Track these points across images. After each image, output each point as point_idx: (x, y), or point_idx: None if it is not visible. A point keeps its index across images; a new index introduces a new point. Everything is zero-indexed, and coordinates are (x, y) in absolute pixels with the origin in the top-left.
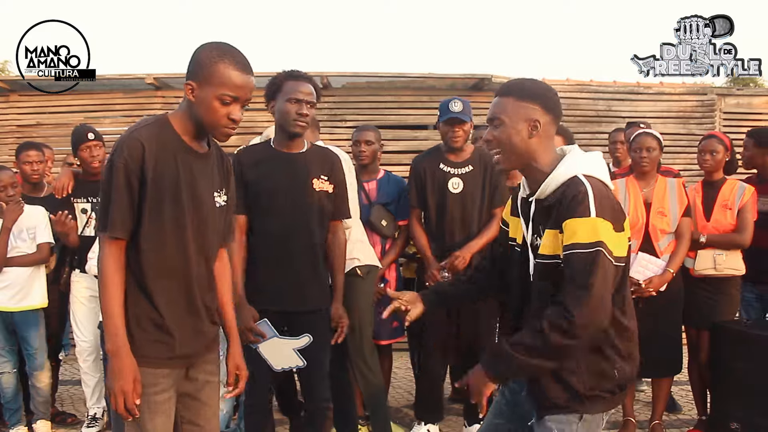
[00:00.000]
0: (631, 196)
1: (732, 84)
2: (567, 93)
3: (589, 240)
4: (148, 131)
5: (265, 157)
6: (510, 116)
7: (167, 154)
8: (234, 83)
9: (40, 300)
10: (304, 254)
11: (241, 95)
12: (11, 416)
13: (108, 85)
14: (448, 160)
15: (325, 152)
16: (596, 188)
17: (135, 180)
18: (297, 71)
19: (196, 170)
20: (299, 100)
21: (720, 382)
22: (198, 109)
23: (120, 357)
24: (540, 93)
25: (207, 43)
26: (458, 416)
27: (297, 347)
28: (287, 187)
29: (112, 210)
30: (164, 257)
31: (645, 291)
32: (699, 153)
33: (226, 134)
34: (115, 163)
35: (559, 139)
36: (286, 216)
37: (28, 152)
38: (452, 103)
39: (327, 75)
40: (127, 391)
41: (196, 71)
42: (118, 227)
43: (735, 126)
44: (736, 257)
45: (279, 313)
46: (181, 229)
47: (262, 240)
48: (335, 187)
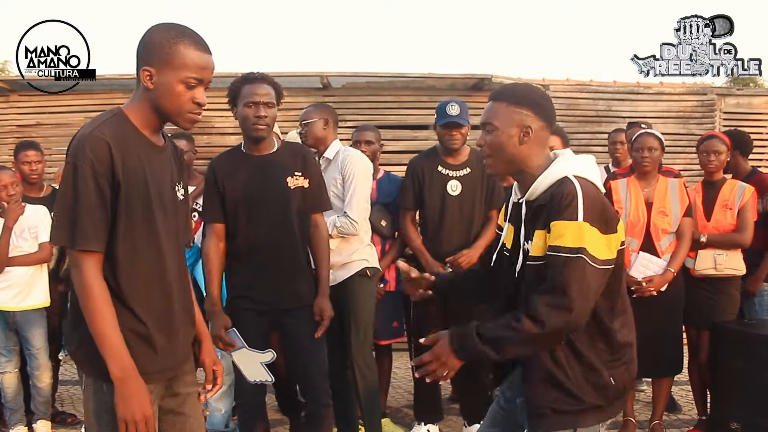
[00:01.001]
0: (632, 195)
1: (732, 84)
2: (567, 93)
3: (572, 245)
4: (109, 128)
5: (238, 162)
6: (502, 121)
7: (132, 153)
8: (197, 64)
9: (42, 299)
10: (287, 253)
11: (204, 76)
12: (11, 416)
13: (108, 85)
14: (446, 163)
15: (296, 148)
16: (586, 190)
17: (105, 184)
18: (252, 73)
19: (158, 166)
20: (255, 102)
21: (720, 382)
22: (159, 97)
23: (131, 380)
24: (533, 99)
25: (158, 24)
26: (458, 416)
27: (263, 361)
28: (262, 190)
29: (83, 220)
30: (140, 263)
31: (646, 290)
32: (701, 153)
33: (192, 120)
34: (80, 166)
35: (557, 139)
36: (265, 218)
37: (27, 152)
38: (449, 106)
39: (327, 75)
40: (149, 415)
41: (152, 56)
42: (93, 239)
43: (735, 126)
44: (736, 257)
45: (267, 312)
46: (153, 230)
47: (244, 244)
48: (311, 181)
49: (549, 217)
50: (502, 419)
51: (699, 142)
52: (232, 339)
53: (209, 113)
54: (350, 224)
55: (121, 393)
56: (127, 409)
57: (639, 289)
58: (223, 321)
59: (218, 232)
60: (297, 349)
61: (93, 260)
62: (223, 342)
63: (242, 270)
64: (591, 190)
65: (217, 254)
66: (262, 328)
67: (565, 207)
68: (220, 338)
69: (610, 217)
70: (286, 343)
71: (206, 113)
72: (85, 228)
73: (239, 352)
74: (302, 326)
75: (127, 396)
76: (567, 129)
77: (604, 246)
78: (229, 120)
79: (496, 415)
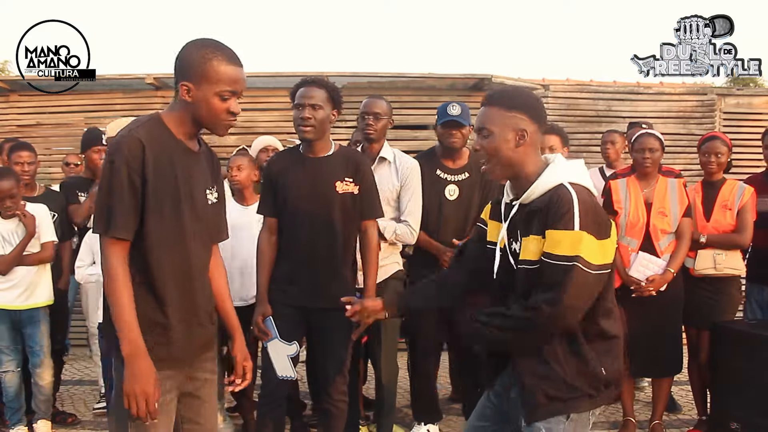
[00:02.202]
0: (632, 196)
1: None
2: (567, 93)
3: (568, 253)
4: (146, 131)
5: (293, 161)
6: (498, 126)
7: (165, 154)
8: (231, 78)
9: (46, 297)
10: (326, 255)
11: (238, 89)
12: (12, 415)
13: (108, 85)
14: (445, 167)
15: (350, 154)
16: (582, 198)
17: (137, 179)
18: (308, 78)
19: (191, 169)
20: (301, 104)
21: (720, 382)
22: (198, 109)
23: (139, 359)
24: (526, 103)
25: (192, 41)
26: (458, 416)
27: (288, 354)
28: (310, 191)
29: (115, 210)
30: (165, 257)
31: (645, 290)
32: (702, 154)
33: (227, 127)
34: (116, 163)
35: (556, 139)
36: (309, 218)
37: (20, 153)
38: (450, 106)
39: (327, 75)
40: (150, 393)
41: (189, 71)
42: (122, 228)
43: (735, 126)
44: (735, 257)
45: (300, 309)
46: (180, 228)
47: (289, 240)
48: (361, 188)
49: (545, 225)
50: (491, 413)
51: (700, 142)
52: (268, 328)
53: None
54: (411, 233)
55: (129, 369)
56: (130, 385)
57: (638, 289)
58: (263, 309)
59: (271, 226)
60: (322, 346)
61: (120, 247)
62: (258, 329)
63: (283, 265)
64: (586, 197)
65: (269, 246)
66: (296, 323)
67: (561, 216)
68: (257, 325)
69: (604, 223)
70: (313, 339)
71: None
72: (117, 218)
73: (272, 343)
74: (331, 327)
75: (133, 373)
76: (567, 129)
77: (599, 251)
78: None
79: (484, 410)
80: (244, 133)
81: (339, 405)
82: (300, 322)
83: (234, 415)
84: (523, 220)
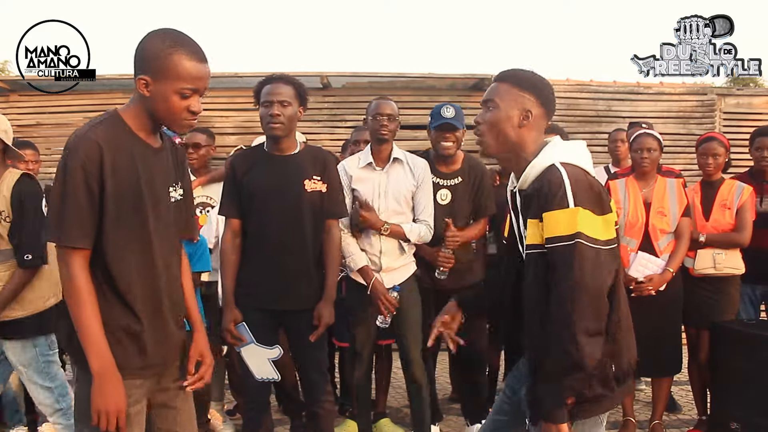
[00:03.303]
0: (631, 196)
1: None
2: (567, 93)
3: (567, 232)
4: (103, 130)
5: (258, 160)
6: (504, 101)
7: (124, 153)
8: (192, 75)
9: None
10: (296, 255)
11: (199, 86)
12: (12, 416)
13: (108, 85)
14: (438, 171)
15: (318, 152)
16: (572, 175)
17: (94, 183)
18: (274, 75)
19: (153, 167)
20: (270, 101)
21: (720, 382)
22: (155, 105)
23: (109, 375)
24: (537, 84)
25: (153, 31)
26: (458, 416)
27: (270, 357)
28: (279, 189)
29: (69, 217)
30: (129, 262)
31: (644, 289)
32: (700, 155)
33: (186, 126)
34: (70, 166)
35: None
36: (278, 217)
37: (25, 151)
38: (444, 108)
39: (327, 75)
40: (121, 409)
41: (148, 64)
42: (77, 237)
43: (735, 126)
44: (735, 256)
45: (271, 311)
46: (144, 231)
47: (256, 241)
48: (329, 187)
49: (540, 208)
50: (510, 408)
51: (697, 143)
52: (241, 333)
53: (209, 113)
54: (429, 231)
55: (98, 385)
56: (102, 401)
57: (637, 288)
58: (234, 315)
59: (234, 228)
60: (297, 348)
61: (79, 256)
62: (231, 336)
63: (249, 267)
64: (578, 174)
65: (233, 249)
66: (269, 325)
67: (553, 196)
68: (230, 332)
69: (603, 198)
70: (289, 342)
71: (206, 113)
72: (71, 225)
73: (247, 348)
74: (304, 328)
75: (103, 389)
76: (567, 129)
77: (602, 227)
78: (229, 120)
79: (503, 405)
80: (244, 133)
81: (325, 406)
82: (272, 325)
83: (234, 417)
84: (523, 206)
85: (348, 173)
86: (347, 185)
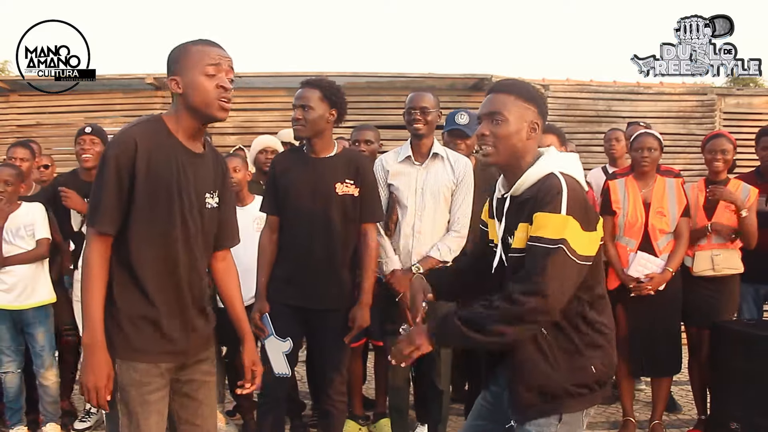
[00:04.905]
0: (630, 196)
1: (732, 84)
2: (567, 93)
3: (553, 236)
4: (142, 129)
5: (295, 160)
6: (514, 115)
7: (161, 153)
8: (209, 54)
9: (47, 296)
10: (323, 256)
11: (222, 62)
12: (12, 416)
13: (108, 85)
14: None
15: (353, 156)
16: (571, 187)
17: (125, 175)
18: (306, 78)
19: (191, 171)
20: (294, 105)
21: (720, 382)
22: (189, 96)
23: (95, 351)
24: (536, 96)
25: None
26: (458, 416)
27: (283, 351)
28: (311, 191)
29: (102, 205)
30: (152, 255)
31: (644, 288)
32: (707, 153)
33: (223, 107)
34: (107, 158)
35: (554, 138)
36: (308, 218)
37: (16, 149)
38: (459, 115)
39: (327, 75)
40: (100, 387)
41: (173, 67)
42: (106, 222)
43: (735, 126)
44: (733, 257)
45: (297, 308)
46: (169, 227)
47: (288, 240)
48: (362, 190)
49: (533, 210)
50: (488, 413)
51: (704, 141)
52: (264, 324)
53: None
54: (461, 241)
55: (86, 359)
56: (85, 375)
57: (637, 288)
58: (261, 306)
59: (272, 224)
60: (319, 347)
61: (101, 241)
62: (255, 326)
63: (283, 264)
64: (576, 187)
65: (270, 244)
66: (293, 322)
67: (549, 200)
68: (254, 321)
69: (592, 216)
70: (311, 340)
71: None
72: (102, 212)
73: (269, 341)
74: (328, 328)
75: (89, 363)
76: (567, 129)
77: (585, 242)
78: (229, 120)
79: (481, 410)
80: (244, 133)
81: (338, 405)
82: (298, 321)
83: (234, 418)
84: (515, 212)
85: (385, 168)
86: (383, 180)
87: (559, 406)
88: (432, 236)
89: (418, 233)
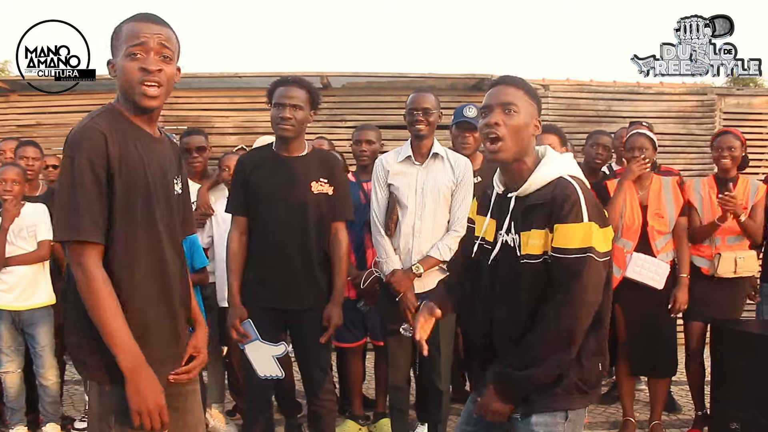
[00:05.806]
0: (628, 197)
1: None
2: (567, 93)
3: (582, 245)
4: (105, 120)
5: (266, 160)
6: (524, 108)
7: (128, 143)
8: (133, 34)
9: (47, 297)
10: (299, 255)
11: (146, 40)
12: (12, 416)
13: (108, 85)
14: None
15: (325, 155)
16: (584, 190)
17: (102, 174)
18: (287, 77)
19: (156, 156)
20: (282, 104)
21: (720, 381)
22: (119, 81)
23: (142, 372)
24: (537, 96)
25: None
26: (458, 416)
27: (275, 354)
28: (285, 190)
29: (81, 212)
30: (139, 257)
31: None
32: (716, 150)
33: (147, 93)
34: (77, 159)
35: (554, 138)
36: (283, 218)
37: (26, 148)
38: (467, 108)
39: (327, 75)
40: (162, 404)
41: (111, 49)
42: (92, 231)
43: (735, 126)
44: (752, 260)
45: (274, 310)
46: (153, 223)
47: (261, 240)
48: (335, 189)
49: (552, 219)
50: (479, 416)
51: (712, 139)
52: (247, 330)
53: (209, 113)
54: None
55: (133, 384)
56: (141, 400)
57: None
58: (239, 312)
59: (241, 225)
60: (300, 348)
61: (94, 252)
62: (237, 333)
63: (255, 266)
64: (586, 188)
65: (240, 246)
66: (274, 323)
67: (569, 209)
68: (235, 329)
69: (603, 212)
70: (292, 341)
71: (206, 113)
72: (84, 220)
73: (252, 345)
74: (306, 327)
75: (139, 386)
76: (567, 129)
77: (603, 239)
78: (229, 120)
79: (471, 413)
80: (244, 133)
81: (326, 404)
82: (277, 322)
83: (234, 418)
84: (522, 214)
85: (385, 168)
86: (383, 180)
87: (566, 402)
88: (432, 236)
89: (418, 233)
